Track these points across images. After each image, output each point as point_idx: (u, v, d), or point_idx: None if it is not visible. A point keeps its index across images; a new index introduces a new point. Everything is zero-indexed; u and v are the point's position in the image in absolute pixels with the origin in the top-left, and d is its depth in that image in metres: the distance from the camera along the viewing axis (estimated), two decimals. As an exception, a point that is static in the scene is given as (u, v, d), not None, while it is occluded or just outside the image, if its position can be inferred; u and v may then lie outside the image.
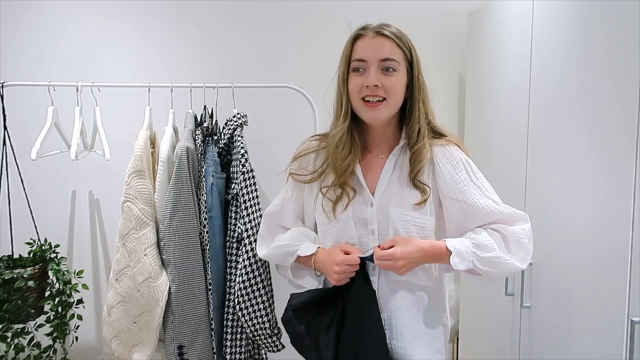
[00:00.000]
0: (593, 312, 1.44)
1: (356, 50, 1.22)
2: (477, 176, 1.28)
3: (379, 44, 1.20)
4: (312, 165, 1.33)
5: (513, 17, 1.88)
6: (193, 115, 1.91)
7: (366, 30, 1.22)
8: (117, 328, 1.79)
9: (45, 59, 2.09)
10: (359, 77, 1.21)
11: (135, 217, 1.73)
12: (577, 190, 1.51)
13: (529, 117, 1.76)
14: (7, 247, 1.85)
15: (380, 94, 1.19)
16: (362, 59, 1.20)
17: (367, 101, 1.20)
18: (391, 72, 1.20)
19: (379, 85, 1.18)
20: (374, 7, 2.27)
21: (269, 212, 1.45)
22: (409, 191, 1.25)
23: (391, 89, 1.20)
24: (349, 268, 1.22)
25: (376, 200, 1.25)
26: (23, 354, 1.81)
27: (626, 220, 1.30)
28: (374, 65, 1.19)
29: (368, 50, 1.20)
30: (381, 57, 1.19)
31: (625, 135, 1.30)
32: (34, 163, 1.75)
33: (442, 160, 1.26)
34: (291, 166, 1.38)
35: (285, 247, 1.34)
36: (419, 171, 1.24)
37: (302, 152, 1.36)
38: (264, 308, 1.78)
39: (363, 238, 1.27)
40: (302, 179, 1.33)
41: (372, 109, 1.21)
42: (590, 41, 1.46)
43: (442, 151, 1.27)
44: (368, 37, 1.21)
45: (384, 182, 1.26)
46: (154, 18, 2.17)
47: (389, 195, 1.25)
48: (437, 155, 1.26)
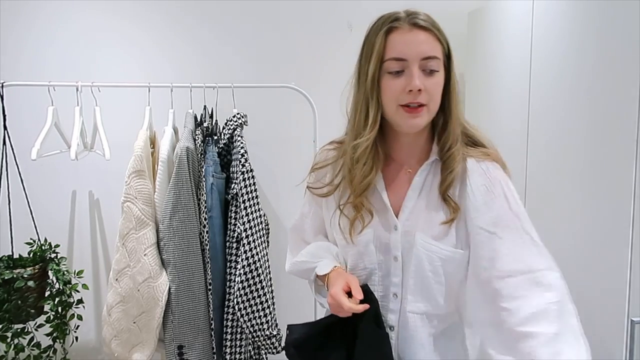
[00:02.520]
0: (593, 312, 1.44)
1: (391, 46, 1.01)
2: (517, 203, 1.05)
3: (419, 39, 1.00)
4: (329, 177, 1.17)
5: (513, 17, 1.88)
6: (193, 115, 1.91)
7: (400, 22, 1.01)
8: (117, 328, 1.79)
9: (45, 59, 2.09)
10: (396, 79, 1.00)
11: (135, 217, 1.73)
12: (577, 190, 1.51)
13: (529, 117, 1.76)
14: (7, 247, 1.85)
15: (422, 100, 1.00)
16: (400, 57, 1.00)
17: (407, 106, 1.01)
18: (433, 73, 1.01)
19: (422, 88, 0.99)
20: (374, 7, 2.26)
21: (293, 226, 1.33)
22: (437, 212, 1.06)
23: (433, 92, 1.02)
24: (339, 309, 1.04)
25: (401, 223, 1.08)
26: (23, 354, 1.82)
27: (626, 220, 1.30)
28: (415, 65, 0.99)
29: (407, 47, 1.00)
30: (423, 55, 1.00)
31: (625, 135, 1.30)
32: (34, 163, 1.75)
33: (476, 179, 1.05)
34: (308, 178, 1.23)
35: (304, 264, 1.23)
36: (450, 184, 1.05)
37: (319, 164, 1.20)
38: (262, 309, 1.78)
39: (384, 264, 1.11)
40: (318, 192, 1.18)
41: (414, 116, 1.01)
42: (590, 41, 1.45)
43: (478, 168, 1.06)
44: (404, 30, 1.00)
45: (411, 202, 1.08)
46: (155, 18, 2.17)
47: (416, 217, 1.07)
48: (470, 170, 1.06)
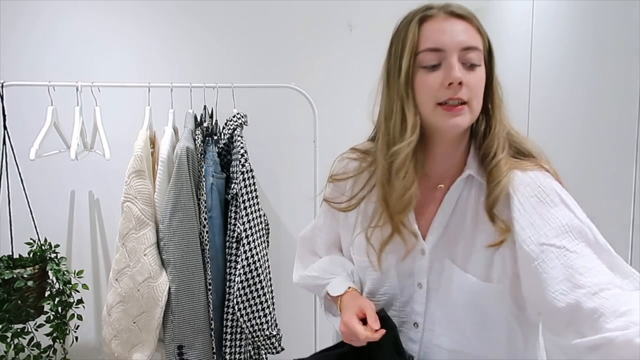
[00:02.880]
0: (593, 312, 1.44)
1: (425, 36, 0.88)
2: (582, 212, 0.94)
3: (458, 28, 0.88)
4: (351, 191, 1.04)
5: (513, 17, 1.88)
6: (193, 115, 1.91)
7: (434, 9, 0.90)
8: (117, 328, 1.79)
9: (45, 59, 2.09)
10: (433, 73, 0.87)
11: (135, 217, 1.73)
12: (577, 190, 1.51)
13: (529, 117, 1.76)
14: (7, 247, 1.85)
15: (463, 96, 0.87)
16: (438, 47, 0.87)
17: (446, 104, 0.87)
18: (474, 67, 0.88)
19: (463, 82, 0.86)
20: (374, 7, 2.27)
21: (303, 236, 1.22)
22: (472, 235, 0.92)
23: (476, 88, 0.88)
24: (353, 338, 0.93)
25: (428, 247, 0.95)
26: (23, 354, 1.82)
27: (626, 220, 1.30)
28: (454, 56, 0.86)
29: (444, 35, 0.87)
30: (463, 45, 0.87)
31: (625, 135, 1.30)
32: (34, 163, 1.75)
33: (524, 192, 0.89)
34: (326, 190, 1.11)
35: (314, 279, 1.12)
36: (497, 197, 0.89)
37: (339, 176, 1.07)
38: (262, 309, 1.78)
39: (407, 289, 0.99)
40: (337, 207, 1.06)
41: (455, 115, 0.87)
42: (590, 41, 1.45)
43: (525, 178, 0.91)
44: (439, 18, 0.89)
45: (441, 224, 0.95)
46: (154, 18, 2.17)
47: (446, 241, 0.95)
48: (516, 182, 0.90)
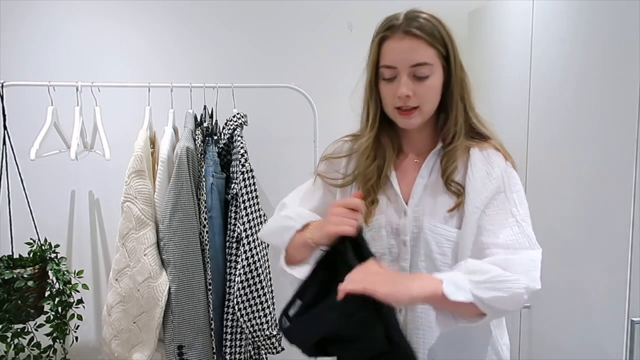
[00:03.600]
0: (593, 312, 1.44)
1: (384, 55, 1.09)
2: (514, 188, 1.14)
3: (408, 47, 1.07)
4: (345, 169, 1.22)
5: (513, 17, 1.88)
6: (193, 115, 1.91)
7: (393, 30, 1.08)
8: (117, 328, 1.79)
9: (45, 59, 2.09)
10: (389, 85, 1.09)
11: (135, 217, 1.73)
12: (577, 190, 1.51)
13: (529, 117, 1.76)
14: (7, 247, 1.85)
15: (411, 104, 1.08)
16: (391, 65, 1.08)
17: (400, 108, 1.10)
18: (423, 79, 1.08)
19: (410, 95, 1.07)
20: (374, 7, 2.26)
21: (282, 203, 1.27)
22: (442, 197, 1.13)
23: (424, 96, 1.09)
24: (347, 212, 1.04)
25: (410, 209, 1.14)
26: (23, 354, 1.82)
27: (626, 220, 1.30)
28: (405, 72, 1.07)
29: (397, 55, 1.07)
30: (412, 62, 1.06)
31: (625, 135, 1.30)
32: (34, 163, 1.75)
33: (477, 165, 1.13)
34: (319, 167, 1.26)
35: (286, 220, 1.17)
36: (452, 172, 1.12)
37: (333, 154, 1.24)
38: (262, 309, 1.78)
39: (394, 248, 1.16)
40: (333, 182, 1.21)
41: (406, 117, 1.11)
42: (590, 41, 1.45)
43: (480, 155, 1.14)
44: (395, 38, 1.07)
45: (419, 189, 1.15)
46: (154, 18, 2.17)
47: (424, 203, 1.14)
48: (473, 157, 1.14)
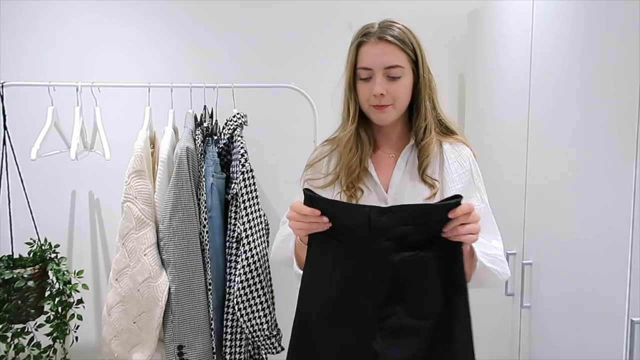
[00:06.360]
0: (593, 312, 1.44)
1: (360, 57, 1.23)
2: (479, 177, 1.31)
3: (382, 51, 1.21)
4: (326, 169, 1.33)
5: (513, 17, 1.88)
6: (193, 115, 1.91)
7: (369, 36, 1.22)
8: (117, 328, 1.79)
9: (45, 59, 2.09)
10: (366, 84, 1.23)
11: (135, 217, 1.73)
12: (577, 190, 1.51)
13: (529, 117, 1.76)
14: (7, 247, 1.85)
15: (386, 102, 1.22)
16: (367, 67, 1.22)
17: (375, 105, 1.23)
18: (395, 79, 1.21)
19: (384, 93, 1.21)
20: (374, 7, 2.27)
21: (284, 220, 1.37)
22: (420, 187, 1.26)
23: (397, 94, 1.22)
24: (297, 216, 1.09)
25: (390, 197, 1.26)
26: (23, 354, 1.82)
27: (626, 220, 1.30)
28: (379, 73, 1.21)
29: (372, 58, 1.21)
30: (385, 65, 1.20)
31: (625, 135, 1.30)
32: (34, 163, 1.75)
33: (451, 157, 1.29)
34: (305, 174, 1.36)
35: (287, 239, 1.30)
36: (427, 166, 1.25)
37: (316, 159, 1.36)
38: (262, 309, 1.78)
39: None
40: (318, 184, 1.31)
41: (380, 112, 1.23)
42: (590, 41, 1.45)
43: (452, 149, 1.30)
44: (371, 43, 1.22)
45: (397, 179, 1.27)
46: (154, 18, 2.17)
47: (402, 191, 1.26)
48: (446, 152, 1.29)
